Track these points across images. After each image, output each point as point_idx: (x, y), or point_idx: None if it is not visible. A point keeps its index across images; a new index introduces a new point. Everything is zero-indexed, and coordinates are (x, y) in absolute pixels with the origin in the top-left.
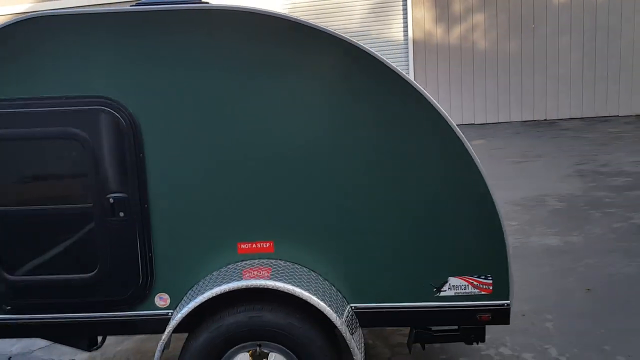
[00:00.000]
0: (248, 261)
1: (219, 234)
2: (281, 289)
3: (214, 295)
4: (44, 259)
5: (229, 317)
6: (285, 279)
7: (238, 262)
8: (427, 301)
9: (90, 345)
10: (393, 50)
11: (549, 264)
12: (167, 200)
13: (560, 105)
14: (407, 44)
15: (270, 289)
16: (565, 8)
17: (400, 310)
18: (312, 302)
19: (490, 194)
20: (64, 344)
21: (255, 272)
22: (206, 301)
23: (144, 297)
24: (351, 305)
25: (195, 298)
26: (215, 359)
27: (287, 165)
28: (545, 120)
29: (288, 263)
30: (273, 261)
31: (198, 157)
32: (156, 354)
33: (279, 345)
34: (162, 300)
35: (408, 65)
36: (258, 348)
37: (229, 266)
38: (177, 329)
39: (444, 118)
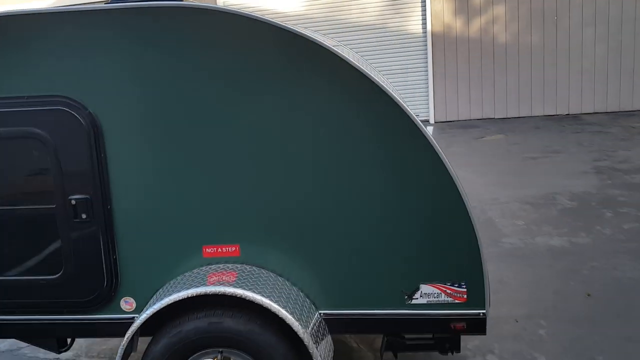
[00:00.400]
0: (214, 265)
1: (183, 237)
2: (241, 296)
3: (171, 302)
4: (10, 260)
5: (188, 322)
6: (248, 284)
7: (203, 265)
8: (398, 308)
9: (59, 346)
10: (411, 44)
11: (551, 266)
12: (131, 202)
13: (583, 99)
14: (425, 36)
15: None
16: None
17: (371, 317)
18: (273, 310)
19: (462, 199)
20: (32, 344)
21: (220, 277)
22: (167, 306)
23: (109, 300)
24: (320, 311)
25: (154, 305)
26: None
27: (253, 167)
28: (568, 114)
29: (254, 268)
30: (239, 265)
31: (161, 159)
32: (117, 358)
33: (240, 353)
34: (127, 304)
35: (427, 58)
36: (220, 355)
37: (193, 270)
38: (144, 333)
39: (410, 118)
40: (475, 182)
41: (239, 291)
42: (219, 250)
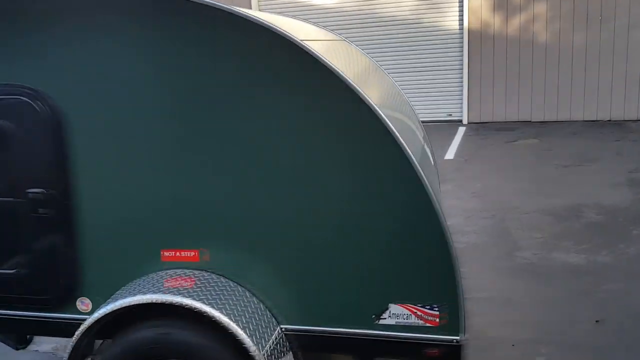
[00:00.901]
0: (171, 270)
1: (142, 240)
2: (188, 307)
3: (116, 308)
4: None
5: (139, 330)
6: (201, 294)
7: (161, 270)
8: (366, 328)
9: (18, 342)
10: (447, 41)
11: (564, 286)
12: (92, 199)
13: (627, 105)
14: (462, 33)
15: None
16: None
17: (337, 336)
18: (223, 324)
19: (436, 212)
20: None
21: (177, 283)
22: (123, 310)
23: (65, 299)
24: (282, 326)
25: (99, 310)
26: None
27: (210, 170)
28: (609, 120)
29: (214, 275)
30: (197, 272)
31: (122, 156)
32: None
33: None
34: (83, 304)
35: (462, 56)
36: None
37: (150, 275)
38: (104, 335)
39: (382, 123)
40: (499, 189)
41: (189, 302)
42: (178, 255)
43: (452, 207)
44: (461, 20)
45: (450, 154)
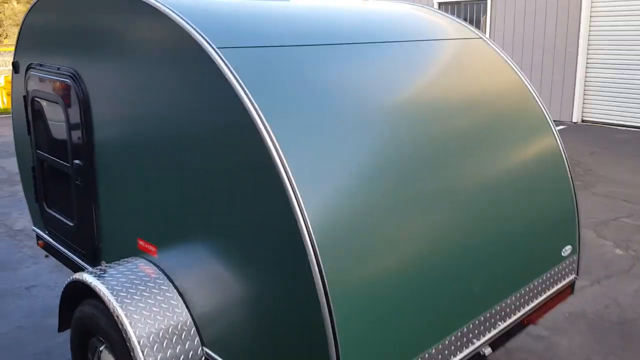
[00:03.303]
0: (144, 260)
1: (128, 223)
2: (107, 304)
3: (68, 282)
4: (56, 199)
5: (82, 305)
6: (128, 291)
7: (138, 256)
8: None
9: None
10: None
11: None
12: (106, 176)
13: None
14: None
15: None
16: None
17: None
18: (127, 333)
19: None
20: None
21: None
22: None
23: (94, 259)
24: (205, 349)
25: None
26: (81, 347)
27: (148, 164)
28: None
29: (163, 274)
30: (155, 268)
31: (117, 136)
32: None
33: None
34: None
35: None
36: (103, 346)
37: (130, 258)
38: None
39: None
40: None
41: (109, 298)
42: (145, 246)
43: None
44: None
45: None
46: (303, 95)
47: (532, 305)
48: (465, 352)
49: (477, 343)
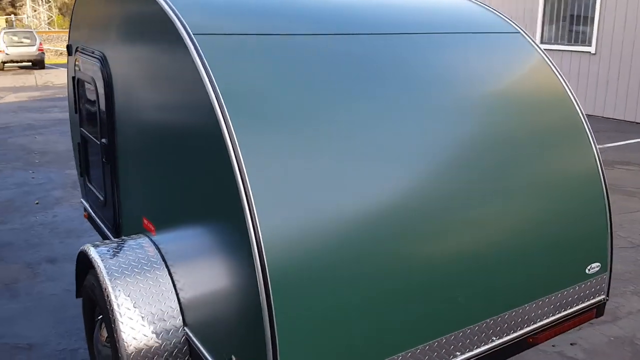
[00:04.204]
0: (148, 237)
1: (138, 202)
2: (101, 282)
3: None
4: (94, 175)
5: (89, 275)
6: (121, 266)
7: (144, 235)
8: None
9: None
10: None
11: None
12: (124, 155)
13: None
14: None
15: None
16: None
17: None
18: (111, 305)
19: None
20: None
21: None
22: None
23: (117, 234)
24: (186, 330)
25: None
26: (89, 314)
27: (153, 146)
28: None
29: (158, 254)
30: (154, 247)
31: (129, 118)
32: None
33: None
34: None
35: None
36: None
37: (138, 235)
38: None
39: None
40: None
41: (103, 275)
42: (148, 225)
43: None
44: None
45: None
46: (271, 85)
47: (539, 324)
48: None
49: (461, 357)
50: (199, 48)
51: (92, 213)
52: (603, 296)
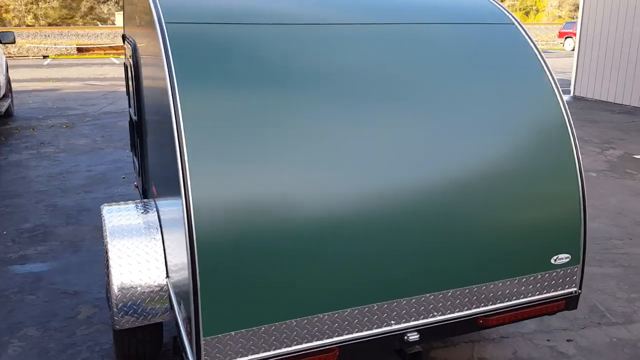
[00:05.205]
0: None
1: (150, 174)
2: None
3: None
4: (136, 149)
5: None
6: (121, 223)
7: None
8: None
9: None
10: None
11: None
12: (148, 131)
13: None
14: None
15: None
16: None
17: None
18: (107, 253)
19: None
20: None
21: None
22: None
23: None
24: (167, 280)
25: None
26: None
27: (153, 123)
28: None
29: (157, 218)
30: (155, 210)
31: (145, 97)
32: None
33: None
34: None
35: None
36: None
37: (148, 200)
38: None
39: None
40: None
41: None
42: (154, 191)
43: None
44: None
45: None
46: (227, 71)
47: (491, 307)
48: (376, 330)
49: (396, 325)
50: (167, 35)
51: (137, 183)
52: (575, 289)
